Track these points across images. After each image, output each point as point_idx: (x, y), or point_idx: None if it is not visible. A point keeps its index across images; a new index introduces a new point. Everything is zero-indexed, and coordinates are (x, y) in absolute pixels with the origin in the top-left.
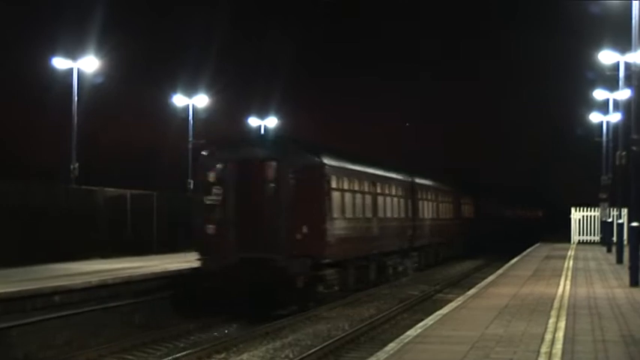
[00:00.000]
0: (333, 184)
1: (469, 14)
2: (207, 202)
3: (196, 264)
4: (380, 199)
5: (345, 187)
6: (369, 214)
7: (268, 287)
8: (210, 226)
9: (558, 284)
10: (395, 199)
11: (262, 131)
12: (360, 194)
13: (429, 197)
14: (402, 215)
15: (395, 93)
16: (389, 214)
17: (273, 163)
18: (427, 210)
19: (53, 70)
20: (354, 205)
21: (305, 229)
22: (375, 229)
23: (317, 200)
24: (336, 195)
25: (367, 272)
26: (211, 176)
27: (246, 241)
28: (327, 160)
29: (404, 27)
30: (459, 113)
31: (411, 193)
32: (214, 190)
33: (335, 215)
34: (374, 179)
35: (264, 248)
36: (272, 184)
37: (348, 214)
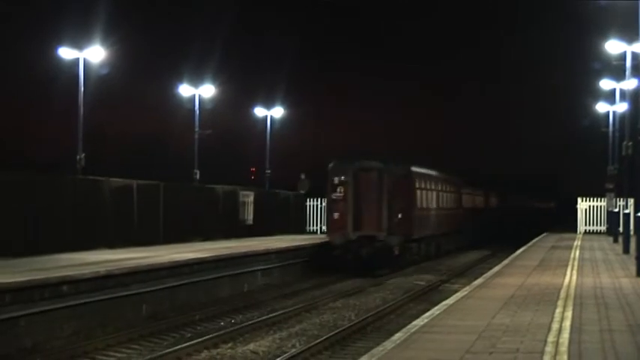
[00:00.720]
0: (417, 185)
1: (479, 3)
2: (333, 198)
3: (200, 254)
4: (442, 194)
5: (423, 187)
6: (434, 206)
7: (374, 255)
8: (336, 213)
9: (565, 274)
10: (449, 194)
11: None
12: (431, 192)
13: (469, 192)
14: (453, 206)
15: (398, 85)
16: (445, 205)
17: (378, 172)
18: (468, 202)
19: (59, 60)
20: (428, 199)
21: (399, 216)
22: (439, 217)
23: (407, 196)
24: (418, 193)
25: (430, 247)
26: (336, 180)
27: (360, 224)
28: (413, 169)
29: (414, 24)
30: (468, 105)
31: (459, 190)
32: (338, 189)
33: (418, 206)
34: (438, 181)
35: (372, 229)
36: (377, 186)
37: (424, 206)
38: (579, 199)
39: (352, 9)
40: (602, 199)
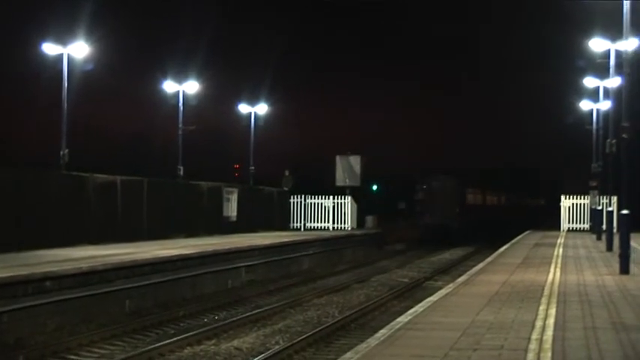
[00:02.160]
0: (468, 190)
1: (460, 2)
2: (418, 199)
3: (184, 251)
4: (477, 196)
5: (471, 191)
6: (481, 202)
7: (446, 234)
8: (419, 208)
9: (548, 272)
10: (480, 195)
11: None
12: (472, 195)
13: (495, 194)
14: (481, 203)
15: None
16: (479, 203)
17: (443, 183)
18: (494, 200)
19: (43, 56)
20: (475, 198)
21: (457, 210)
22: (476, 209)
23: (462, 197)
24: (469, 195)
25: (474, 228)
26: (419, 187)
27: (436, 216)
28: (464, 180)
29: (402, 23)
30: (453, 102)
31: (484, 192)
32: (421, 192)
33: (468, 203)
34: (483, 186)
35: (444, 218)
36: (442, 191)
37: (472, 202)
38: (562, 197)
39: (350, 8)
40: (586, 197)
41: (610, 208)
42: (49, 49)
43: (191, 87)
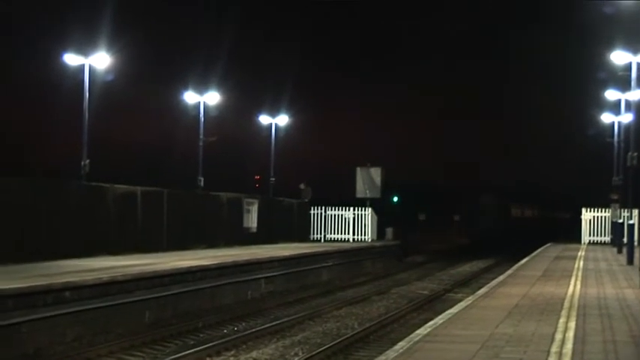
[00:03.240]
0: (513, 207)
1: (481, 13)
2: (470, 212)
3: (204, 262)
4: (524, 210)
5: (516, 206)
6: (520, 215)
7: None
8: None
9: (568, 284)
10: (521, 209)
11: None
12: (518, 209)
13: (530, 207)
14: (522, 216)
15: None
16: (521, 216)
17: (494, 200)
18: (530, 213)
19: (64, 67)
20: (517, 210)
21: (504, 220)
22: (524, 220)
23: (507, 210)
24: (514, 210)
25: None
26: (470, 202)
27: (488, 224)
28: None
29: (414, 27)
30: (470, 116)
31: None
32: (475, 207)
33: (512, 216)
34: (521, 201)
35: (495, 225)
36: (494, 205)
37: (515, 215)
38: (583, 210)
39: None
40: (607, 210)
41: (631, 221)
42: (71, 59)
43: (212, 98)
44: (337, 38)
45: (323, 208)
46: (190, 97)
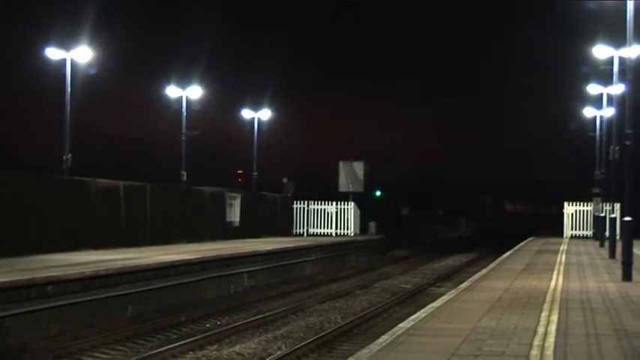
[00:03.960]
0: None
1: (467, 11)
2: (475, 208)
3: (187, 256)
4: (516, 205)
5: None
6: (512, 210)
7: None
8: (478, 214)
9: (551, 278)
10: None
11: None
12: (510, 204)
13: (521, 204)
14: (515, 211)
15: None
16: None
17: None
18: (521, 208)
19: (46, 61)
20: (509, 207)
21: (499, 215)
22: (516, 214)
23: (502, 207)
24: (507, 205)
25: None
26: (473, 200)
27: (488, 217)
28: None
29: (402, 23)
30: (455, 112)
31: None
32: (478, 204)
33: (506, 211)
34: (514, 198)
35: (492, 219)
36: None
37: (508, 210)
38: (565, 204)
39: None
40: (589, 204)
41: (613, 215)
42: (52, 53)
43: (194, 92)
44: (323, 32)
45: (306, 202)
46: (173, 91)
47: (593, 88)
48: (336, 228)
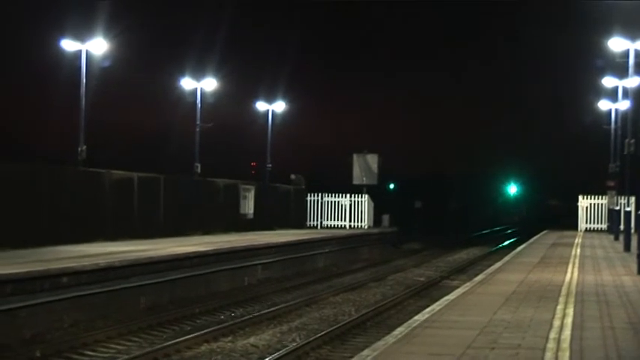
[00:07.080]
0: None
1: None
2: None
3: (200, 248)
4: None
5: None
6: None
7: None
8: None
9: (566, 271)
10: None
11: None
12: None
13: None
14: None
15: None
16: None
17: None
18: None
19: (61, 53)
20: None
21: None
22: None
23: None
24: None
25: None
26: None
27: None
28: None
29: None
30: (470, 103)
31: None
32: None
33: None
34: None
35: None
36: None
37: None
38: (580, 197)
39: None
40: (604, 197)
41: (628, 209)
42: (68, 45)
43: (209, 84)
44: (337, 25)
45: (320, 194)
46: (187, 83)
47: (608, 81)
48: (350, 220)
